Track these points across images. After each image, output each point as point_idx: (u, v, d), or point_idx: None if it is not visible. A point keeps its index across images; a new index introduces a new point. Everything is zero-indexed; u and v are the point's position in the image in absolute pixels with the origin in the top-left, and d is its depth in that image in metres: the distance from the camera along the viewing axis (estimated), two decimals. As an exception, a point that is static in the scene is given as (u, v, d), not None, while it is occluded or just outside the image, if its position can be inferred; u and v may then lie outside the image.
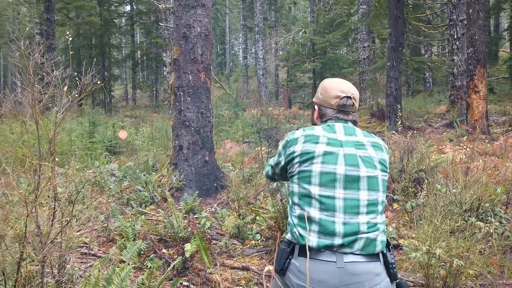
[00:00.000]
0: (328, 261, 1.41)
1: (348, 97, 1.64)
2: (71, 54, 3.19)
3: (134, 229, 3.63)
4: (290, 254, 1.49)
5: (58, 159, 2.28)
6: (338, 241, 1.42)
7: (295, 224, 1.51)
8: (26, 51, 2.12)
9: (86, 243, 3.59)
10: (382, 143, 1.63)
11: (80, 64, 20.01)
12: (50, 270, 2.14)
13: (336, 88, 1.66)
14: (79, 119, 10.89)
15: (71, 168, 4.06)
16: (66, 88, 2.18)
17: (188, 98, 5.54)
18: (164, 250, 3.38)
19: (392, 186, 4.25)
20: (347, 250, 1.42)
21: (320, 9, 22.33)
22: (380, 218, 1.51)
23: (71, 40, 2.45)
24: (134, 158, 6.84)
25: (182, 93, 5.55)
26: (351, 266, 1.41)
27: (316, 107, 1.73)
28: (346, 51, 25.56)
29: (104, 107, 18.69)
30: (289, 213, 1.60)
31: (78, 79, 2.26)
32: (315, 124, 1.72)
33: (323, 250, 1.43)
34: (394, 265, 1.50)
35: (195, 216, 4.24)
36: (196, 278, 3.08)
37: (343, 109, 1.64)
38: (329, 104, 1.66)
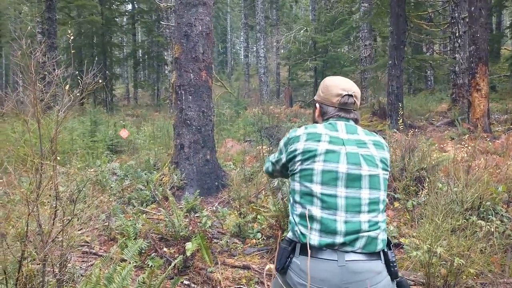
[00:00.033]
0: (329, 259, 1.41)
1: (350, 95, 1.63)
2: (72, 53, 3.20)
3: (135, 228, 3.64)
4: (292, 253, 1.49)
5: (59, 158, 2.28)
6: (340, 239, 1.42)
7: (296, 222, 1.51)
8: (27, 50, 2.12)
9: (87, 242, 3.60)
10: (383, 141, 1.63)
11: (81, 63, 20.03)
12: (51, 269, 2.14)
13: (338, 86, 1.65)
14: (80, 118, 10.91)
15: (73, 167, 4.06)
16: (68, 87, 2.18)
17: (190, 97, 5.54)
18: (165, 249, 3.39)
19: (393, 184, 4.24)
20: (348, 249, 1.42)
21: (321, 7, 22.29)
22: (381, 217, 1.51)
23: (72, 39, 2.45)
24: (136, 157, 6.85)
25: (183, 91, 5.55)
26: (353, 264, 1.41)
27: (317, 105, 1.72)
28: (347, 49, 25.51)
29: (105, 106, 18.72)
30: (290, 211, 1.59)
31: (79, 78, 2.26)
32: (316, 122, 1.71)
33: (324, 248, 1.43)
34: (394, 263, 1.50)
35: (196, 215, 4.25)
36: (197, 277, 3.08)
37: (345, 107, 1.64)
38: (330, 102, 1.65)
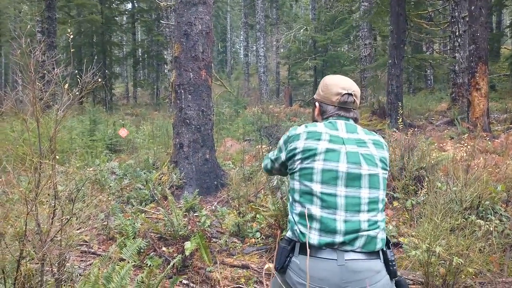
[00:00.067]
0: (329, 259, 1.41)
1: (349, 94, 1.63)
2: (72, 52, 3.19)
3: (134, 227, 3.64)
4: (291, 252, 1.49)
5: (58, 157, 2.28)
6: (339, 238, 1.42)
7: (295, 221, 1.51)
8: (27, 49, 2.11)
9: (86, 241, 3.60)
10: (383, 141, 1.63)
11: (81, 62, 20.02)
12: (50, 268, 2.14)
13: (337, 85, 1.65)
14: (79, 117, 10.90)
15: (72, 166, 4.05)
16: (67, 86, 2.18)
17: (189, 96, 5.53)
18: (164, 248, 3.39)
19: (393, 184, 4.24)
20: (348, 248, 1.42)
21: (321, 6, 22.28)
22: (380, 216, 1.51)
23: (72, 38, 2.44)
24: (135, 156, 6.85)
25: (183, 91, 5.55)
26: (352, 263, 1.41)
27: (317, 103, 1.72)
28: (347, 48, 25.50)
29: (105, 105, 18.70)
30: (289, 210, 1.59)
31: (79, 77, 2.26)
32: (316, 121, 1.71)
33: (324, 248, 1.43)
34: (393, 262, 1.50)
35: (195, 214, 4.25)
36: (195, 276, 3.08)
37: (344, 106, 1.64)
38: (330, 101, 1.65)
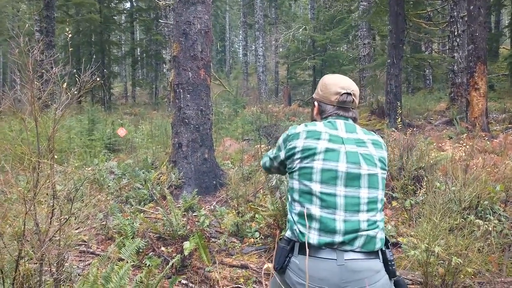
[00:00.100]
0: (328, 258, 1.41)
1: (348, 93, 1.63)
2: (70, 51, 3.18)
3: (133, 227, 3.63)
4: (290, 252, 1.49)
5: (57, 157, 2.27)
6: (339, 238, 1.42)
7: (295, 221, 1.51)
8: (25, 48, 2.11)
9: (84, 241, 3.59)
10: (382, 140, 1.64)
11: (79, 61, 19.97)
12: (49, 268, 2.14)
13: (337, 84, 1.65)
14: (78, 117, 10.88)
15: (70, 166, 4.04)
16: (66, 85, 2.17)
17: (188, 96, 5.53)
18: (162, 248, 3.38)
19: (391, 183, 4.24)
20: (347, 248, 1.42)
21: (320, 6, 22.28)
22: (379, 216, 1.51)
23: (70, 37, 2.44)
24: (133, 156, 6.84)
25: (181, 90, 5.54)
26: (352, 263, 1.41)
27: (316, 103, 1.72)
28: (346, 48, 25.50)
29: (103, 105, 18.68)
30: (288, 209, 1.59)
31: (77, 76, 2.25)
32: (314, 121, 1.71)
33: (323, 247, 1.43)
34: (392, 262, 1.50)
35: (194, 214, 4.24)
36: (194, 276, 3.08)
37: (343, 105, 1.64)
38: (329, 100, 1.65)
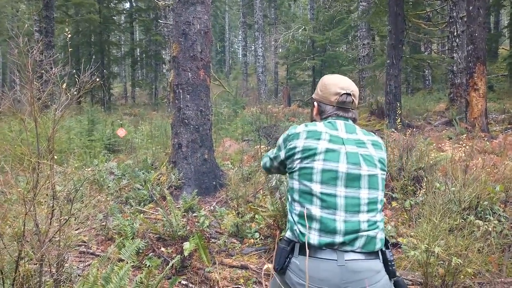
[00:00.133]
0: (329, 259, 1.41)
1: (348, 94, 1.63)
2: (70, 51, 3.18)
3: (133, 227, 3.63)
4: (290, 253, 1.48)
5: (56, 157, 2.27)
6: (339, 239, 1.42)
7: (295, 221, 1.50)
8: (25, 48, 2.10)
9: (84, 242, 3.59)
10: (381, 142, 1.64)
11: (79, 61, 19.96)
12: (49, 268, 2.13)
13: (336, 84, 1.65)
14: (78, 117, 10.87)
15: (70, 166, 4.04)
16: (65, 85, 2.17)
17: (187, 96, 5.53)
18: (162, 249, 3.38)
19: (391, 184, 4.24)
20: (348, 248, 1.42)
21: (319, 6, 22.29)
22: (379, 216, 1.52)
23: (70, 38, 2.44)
24: (133, 156, 6.83)
25: (181, 90, 5.54)
26: (352, 264, 1.41)
27: (315, 103, 1.72)
28: (345, 48, 25.51)
29: (103, 105, 18.69)
30: (288, 209, 1.58)
31: (77, 76, 2.25)
32: (314, 121, 1.71)
33: (324, 248, 1.43)
34: (392, 262, 1.51)
35: (194, 214, 4.24)
36: (194, 276, 3.08)
37: (343, 106, 1.64)
38: (328, 100, 1.65)
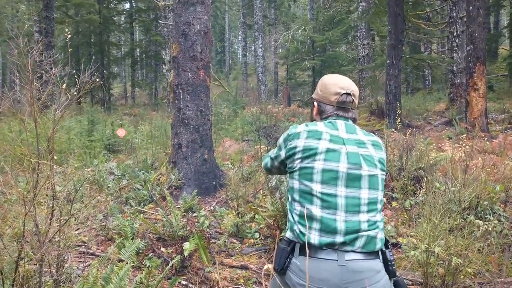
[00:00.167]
0: (329, 259, 1.41)
1: (348, 93, 1.63)
2: (70, 52, 3.18)
3: (133, 228, 3.63)
4: (291, 253, 1.48)
5: (56, 158, 2.27)
6: (340, 239, 1.42)
7: (295, 221, 1.50)
8: (24, 49, 2.11)
9: (84, 242, 3.59)
10: (381, 142, 1.64)
11: (79, 62, 19.95)
12: (48, 269, 2.13)
13: (336, 84, 1.65)
14: (78, 117, 10.87)
15: (70, 167, 4.04)
16: (65, 86, 2.17)
17: (187, 96, 5.53)
18: (162, 249, 3.38)
19: (391, 184, 4.24)
20: (348, 248, 1.42)
21: (319, 6, 22.30)
22: (379, 216, 1.52)
23: (70, 38, 2.44)
24: (133, 157, 6.83)
25: (181, 91, 5.54)
26: (353, 264, 1.41)
27: (315, 103, 1.71)
28: (345, 48, 25.52)
29: (103, 105, 18.69)
30: (288, 209, 1.58)
31: (77, 77, 2.25)
32: (314, 121, 1.71)
33: (324, 248, 1.42)
34: (392, 262, 1.51)
35: (194, 214, 4.24)
36: (194, 277, 3.08)
37: (343, 105, 1.63)
38: (328, 100, 1.65)
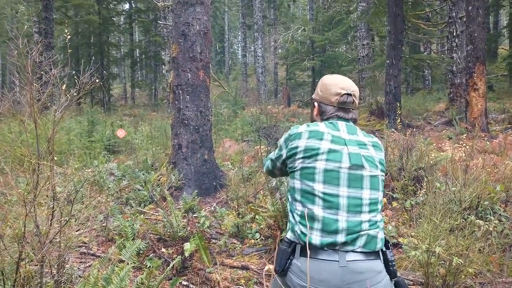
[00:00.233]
0: (330, 260, 1.41)
1: (349, 94, 1.62)
2: (69, 52, 3.18)
3: (133, 228, 3.63)
4: (291, 255, 1.48)
5: (56, 158, 2.27)
6: (341, 239, 1.42)
7: (296, 221, 1.50)
8: (24, 49, 2.11)
9: (85, 243, 3.59)
10: (380, 143, 1.64)
11: (78, 62, 19.95)
12: (49, 270, 2.13)
13: (337, 85, 1.64)
14: (77, 118, 10.87)
15: (70, 168, 4.04)
16: (65, 86, 2.17)
17: (187, 97, 5.53)
18: (163, 250, 3.38)
19: (392, 184, 4.24)
20: (349, 248, 1.42)
21: (319, 6, 22.32)
22: (379, 217, 1.52)
23: (69, 39, 2.44)
24: (133, 157, 6.83)
25: (181, 91, 5.54)
26: (353, 264, 1.40)
27: (316, 104, 1.70)
28: (345, 49, 25.53)
29: (103, 106, 18.68)
30: (289, 209, 1.58)
31: (76, 77, 2.25)
32: (315, 121, 1.70)
33: (325, 248, 1.42)
34: (393, 263, 1.50)
35: (194, 215, 4.24)
36: (195, 277, 3.07)
37: (344, 106, 1.63)
38: (329, 101, 1.64)
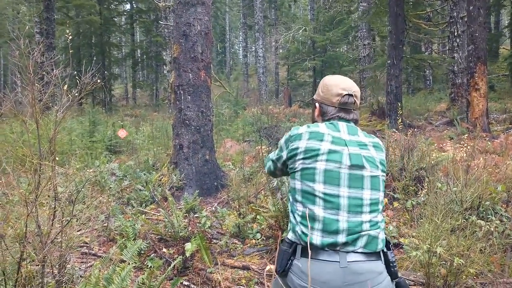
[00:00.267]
0: (331, 261, 1.41)
1: (350, 94, 1.62)
2: (71, 53, 3.19)
3: (135, 228, 3.63)
4: (292, 255, 1.48)
5: (58, 159, 2.28)
6: (342, 239, 1.42)
7: (297, 222, 1.50)
8: (26, 50, 2.11)
9: (86, 243, 3.59)
10: (381, 143, 1.64)
11: (80, 63, 20.00)
12: (51, 270, 2.14)
13: (338, 85, 1.64)
14: (79, 118, 10.89)
15: (72, 168, 4.05)
16: (66, 87, 2.17)
17: (188, 97, 5.53)
18: (164, 250, 3.38)
19: (393, 184, 4.24)
20: (349, 248, 1.42)
21: (320, 6, 22.30)
22: (380, 217, 1.52)
23: (71, 39, 2.44)
24: (135, 157, 6.83)
25: (182, 91, 5.54)
26: (354, 265, 1.40)
27: (317, 104, 1.70)
28: (346, 49, 25.51)
29: (104, 106, 18.68)
30: (290, 210, 1.58)
31: (78, 78, 2.25)
32: (316, 122, 1.70)
33: (326, 249, 1.42)
34: (394, 263, 1.50)
35: (196, 215, 4.24)
36: (196, 277, 3.08)
37: (345, 107, 1.63)
38: (330, 101, 1.64)
